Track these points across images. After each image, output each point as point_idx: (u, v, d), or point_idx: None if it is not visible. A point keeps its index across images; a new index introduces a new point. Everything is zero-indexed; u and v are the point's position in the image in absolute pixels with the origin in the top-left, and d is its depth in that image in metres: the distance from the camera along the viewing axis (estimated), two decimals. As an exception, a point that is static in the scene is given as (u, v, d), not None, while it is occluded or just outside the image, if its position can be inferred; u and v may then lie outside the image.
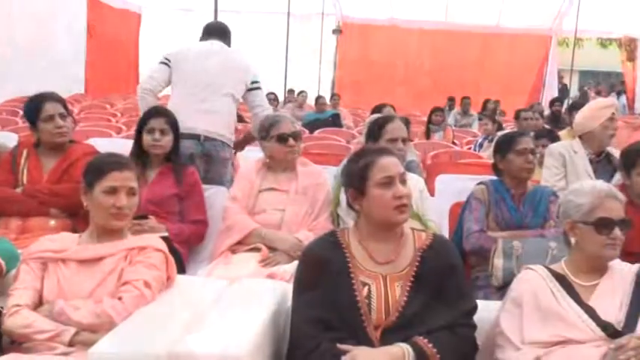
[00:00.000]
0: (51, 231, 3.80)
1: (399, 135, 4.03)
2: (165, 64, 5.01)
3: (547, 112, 12.32)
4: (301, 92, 14.05)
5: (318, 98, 12.46)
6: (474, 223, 3.84)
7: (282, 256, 3.75)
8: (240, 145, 5.45)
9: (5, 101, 12.13)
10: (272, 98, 12.54)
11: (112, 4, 19.01)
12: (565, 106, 13.07)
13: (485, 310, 2.68)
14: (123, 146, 4.54)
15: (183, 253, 3.87)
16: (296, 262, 3.69)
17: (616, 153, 4.51)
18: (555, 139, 5.58)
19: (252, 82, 5.08)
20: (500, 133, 8.16)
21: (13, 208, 3.86)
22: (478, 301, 2.65)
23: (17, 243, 3.39)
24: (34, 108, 4.00)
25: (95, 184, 2.79)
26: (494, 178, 4.05)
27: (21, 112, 10.41)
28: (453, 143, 9.45)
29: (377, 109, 6.12)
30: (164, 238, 3.03)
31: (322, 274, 2.56)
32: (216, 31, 5.29)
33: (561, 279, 2.64)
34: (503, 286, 3.51)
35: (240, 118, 7.74)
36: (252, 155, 4.95)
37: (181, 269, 3.51)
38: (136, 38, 21.02)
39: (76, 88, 15.57)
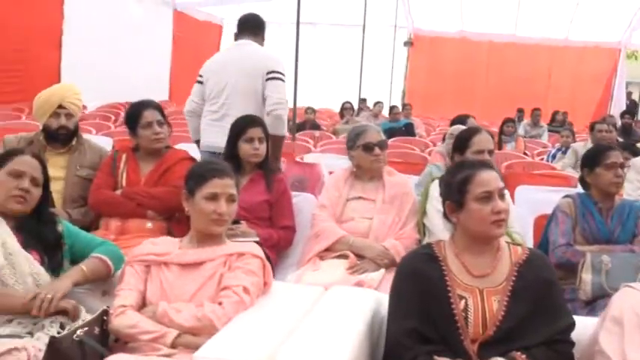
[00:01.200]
0: (148, 232, 3.83)
1: (486, 147, 3.89)
2: (199, 82, 4.96)
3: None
4: (377, 103, 14.01)
5: (393, 108, 12.40)
6: (560, 236, 3.69)
7: (370, 264, 3.66)
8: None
9: (98, 107, 12.35)
10: (348, 107, 12.49)
11: (196, 17, 19.26)
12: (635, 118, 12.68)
13: (582, 326, 2.54)
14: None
15: (273, 257, 3.82)
16: (383, 270, 3.65)
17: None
18: (637, 152, 5.36)
19: (269, 72, 4.72)
20: (575, 145, 7.95)
21: (113, 209, 3.88)
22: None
23: (117, 244, 3.37)
24: (133, 115, 4.02)
25: (197, 191, 2.75)
26: (581, 191, 3.89)
27: (113, 117, 10.65)
28: (524, 154, 9.24)
29: (459, 119, 5.95)
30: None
31: (419, 287, 2.47)
32: (247, 26, 5.05)
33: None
34: (592, 300, 3.37)
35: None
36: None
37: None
38: (217, 48, 21.22)
39: (161, 95, 15.76)
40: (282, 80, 4.71)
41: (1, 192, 2.76)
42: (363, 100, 15.59)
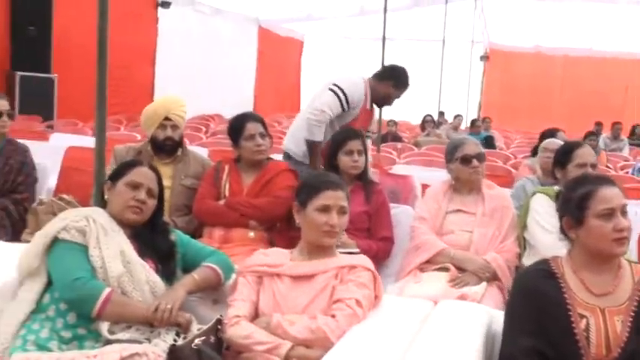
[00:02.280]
0: (250, 242, 3.78)
1: (589, 160, 3.70)
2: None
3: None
4: (457, 116, 13.82)
5: (474, 121, 12.22)
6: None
7: (471, 277, 3.51)
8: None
9: (189, 119, 12.50)
10: (429, 120, 12.33)
11: (279, 33, 19.40)
12: None
13: None
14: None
15: (371, 268, 3.70)
16: (485, 284, 3.49)
17: None
18: None
19: (329, 84, 4.64)
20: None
21: (217, 219, 3.84)
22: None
23: (220, 252, 3.32)
24: (237, 127, 3.98)
25: (309, 202, 2.66)
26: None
27: (204, 129, 10.74)
28: (607, 167, 8.89)
29: (549, 133, 5.74)
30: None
31: (536, 304, 2.31)
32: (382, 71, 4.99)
33: None
34: None
35: None
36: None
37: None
38: (298, 63, 21.37)
39: (246, 107, 15.88)
40: (334, 93, 4.55)
41: (119, 202, 2.73)
42: (441, 114, 15.37)
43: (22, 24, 10.93)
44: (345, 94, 4.51)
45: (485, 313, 2.58)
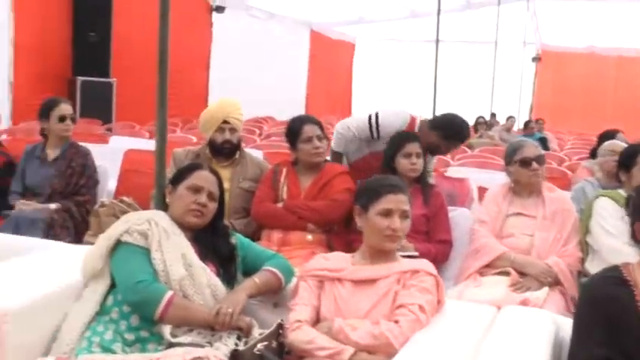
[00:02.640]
0: (308, 245, 3.74)
1: (656, 163, 3.55)
2: None
3: None
4: (510, 117, 13.57)
5: (528, 122, 11.99)
6: None
7: (533, 282, 3.40)
8: None
9: (243, 121, 12.52)
10: (482, 122, 12.13)
11: (331, 36, 19.38)
12: None
13: None
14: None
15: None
16: (547, 289, 3.36)
17: None
18: None
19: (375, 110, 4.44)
20: None
21: (275, 222, 3.80)
22: None
23: (279, 255, 3.28)
24: (294, 130, 3.93)
25: (370, 206, 2.59)
26: None
27: (258, 131, 10.75)
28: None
29: (608, 134, 5.56)
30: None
31: (607, 312, 2.19)
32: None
33: None
34: None
35: None
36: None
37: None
38: (349, 66, 21.32)
39: (298, 110, 15.88)
40: (369, 120, 4.26)
41: (181, 205, 2.70)
42: (493, 115, 15.13)
43: (84, 31, 11.11)
44: (377, 125, 4.26)
45: (551, 320, 2.47)
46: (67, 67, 11.23)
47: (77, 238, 4.23)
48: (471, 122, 13.40)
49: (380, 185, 2.65)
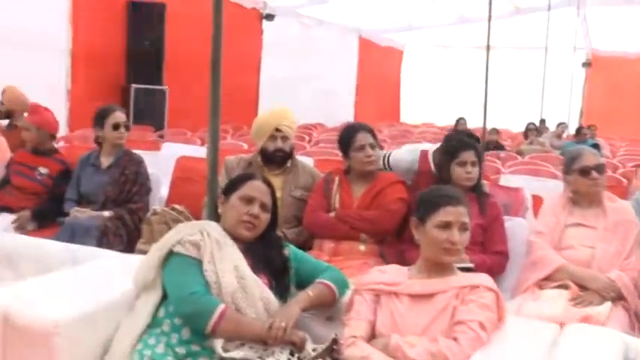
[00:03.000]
0: (360, 255, 3.63)
1: None
2: None
3: None
4: (561, 123, 13.26)
5: (580, 129, 11.66)
6: None
7: (594, 296, 3.22)
8: None
9: (292, 128, 12.49)
10: (532, 128, 11.86)
11: (379, 43, 19.29)
12: None
13: None
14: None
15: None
16: (609, 304, 3.18)
17: None
18: None
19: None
20: None
21: (327, 232, 3.70)
22: None
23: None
24: (346, 138, 3.83)
25: (428, 219, 2.48)
26: None
27: (307, 138, 10.68)
28: None
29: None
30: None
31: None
32: None
33: None
34: None
35: None
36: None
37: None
38: (398, 72, 21.18)
39: (347, 116, 15.79)
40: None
41: (233, 216, 2.62)
42: (542, 121, 14.80)
43: (138, 39, 11.20)
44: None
45: (620, 341, 2.32)
46: (122, 75, 11.33)
47: (130, 245, 4.20)
48: (521, 128, 13.15)
49: (438, 196, 2.53)
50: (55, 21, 10.06)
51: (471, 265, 3.32)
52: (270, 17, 14.15)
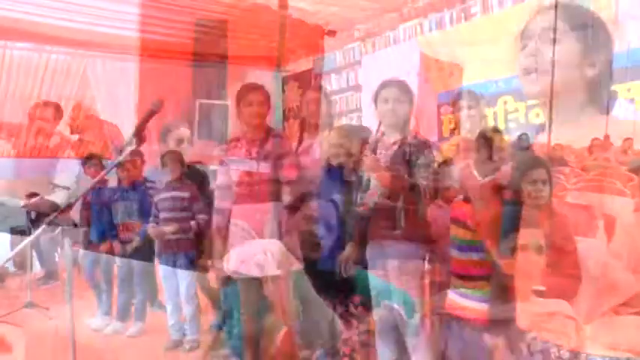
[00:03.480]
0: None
1: None
2: None
3: None
4: (627, 139, 12.71)
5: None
6: None
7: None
8: None
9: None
10: (597, 144, 11.41)
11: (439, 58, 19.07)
12: None
13: None
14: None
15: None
16: None
17: None
18: None
19: None
20: None
21: None
22: None
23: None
24: None
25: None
26: None
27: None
28: None
29: None
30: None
31: None
32: None
33: None
34: None
35: None
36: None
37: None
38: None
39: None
40: None
41: None
42: (606, 137, 14.30)
43: (203, 54, 11.29)
44: None
45: None
46: (187, 90, 11.42)
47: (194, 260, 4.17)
48: (586, 143, 12.71)
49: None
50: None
51: (542, 287, 3.14)
52: (331, 33, 14.09)
